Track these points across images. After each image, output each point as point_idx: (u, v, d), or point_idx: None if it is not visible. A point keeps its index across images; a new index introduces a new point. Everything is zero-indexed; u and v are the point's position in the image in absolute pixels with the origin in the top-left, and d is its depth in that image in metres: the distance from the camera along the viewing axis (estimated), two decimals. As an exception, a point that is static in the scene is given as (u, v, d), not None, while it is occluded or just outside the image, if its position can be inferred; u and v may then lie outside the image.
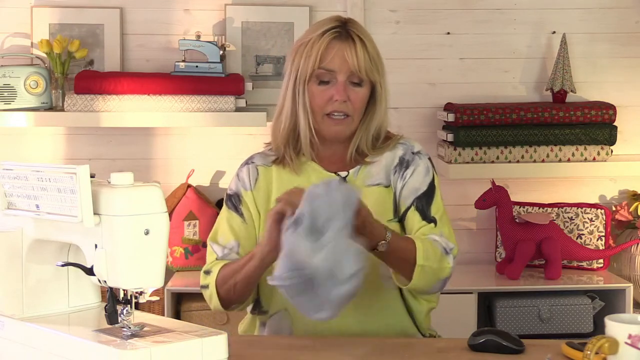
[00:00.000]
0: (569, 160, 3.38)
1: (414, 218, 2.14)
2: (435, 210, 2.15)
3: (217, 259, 2.17)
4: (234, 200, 2.21)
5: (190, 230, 3.35)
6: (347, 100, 2.12)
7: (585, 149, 3.38)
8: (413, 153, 2.20)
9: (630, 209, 3.46)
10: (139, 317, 1.74)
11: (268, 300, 2.18)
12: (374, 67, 2.14)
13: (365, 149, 2.18)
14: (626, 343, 1.64)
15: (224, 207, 2.23)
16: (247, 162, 2.25)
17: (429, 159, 2.22)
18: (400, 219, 2.16)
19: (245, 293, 2.08)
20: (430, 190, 2.17)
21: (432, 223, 2.13)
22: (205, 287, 2.13)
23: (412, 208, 2.14)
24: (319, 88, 2.13)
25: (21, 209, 1.75)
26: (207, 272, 2.13)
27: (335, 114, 2.13)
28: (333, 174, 2.19)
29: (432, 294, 2.16)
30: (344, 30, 2.13)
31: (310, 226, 1.80)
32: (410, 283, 2.03)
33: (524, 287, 3.25)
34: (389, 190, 2.18)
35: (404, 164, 2.19)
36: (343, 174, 2.19)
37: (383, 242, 1.97)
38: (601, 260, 3.40)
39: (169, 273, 3.28)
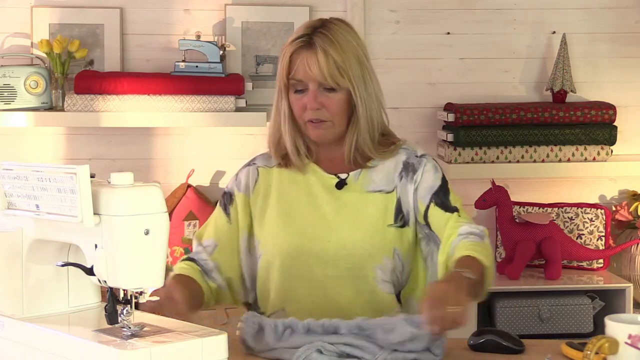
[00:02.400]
0: (569, 160, 3.38)
1: (436, 213, 2.14)
2: (454, 201, 2.16)
3: (188, 256, 2.23)
4: (226, 199, 2.26)
5: (190, 230, 3.35)
6: (322, 108, 2.13)
7: (585, 149, 3.38)
8: (417, 156, 2.21)
9: (630, 209, 3.46)
10: (139, 317, 1.74)
11: (265, 301, 2.19)
12: (341, 74, 2.12)
13: (367, 149, 2.18)
14: (626, 343, 1.64)
15: (217, 203, 2.27)
16: (249, 164, 2.28)
17: (434, 159, 2.24)
18: (424, 220, 2.16)
19: None
20: (444, 184, 2.18)
21: (455, 212, 2.13)
22: None
23: (432, 204, 2.15)
24: (295, 96, 2.16)
25: (21, 209, 1.75)
26: (172, 270, 2.20)
27: (313, 120, 2.15)
28: (333, 176, 2.20)
29: None
30: (309, 38, 2.13)
31: None
32: (486, 287, 1.99)
33: (524, 287, 3.25)
34: (391, 195, 2.18)
35: (410, 168, 2.19)
36: (343, 176, 2.20)
37: (469, 280, 1.91)
38: (601, 260, 3.40)
39: (168, 273, 3.27)
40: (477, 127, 3.34)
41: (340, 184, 2.19)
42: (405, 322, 1.83)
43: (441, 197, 2.16)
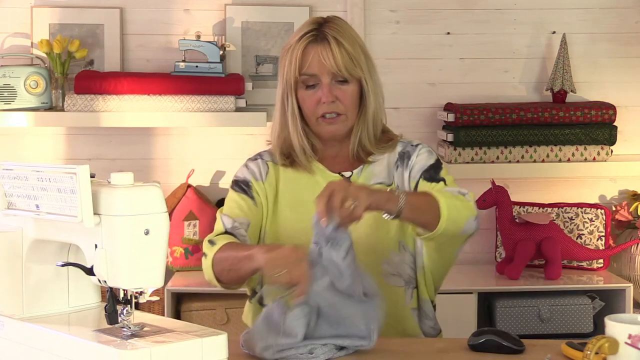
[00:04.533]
0: (569, 160, 3.38)
1: (424, 185, 2.14)
2: (444, 174, 2.16)
3: (225, 230, 2.14)
4: (243, 185, 2.20)
5: (190, 230, 3.35)
6: (336, 100, 2.14)
7: (585, 149, 3.38)
8: (412, 146, 2.23)
9: (630, 209, 3.46)
10: (139, 317, 1.74)
11: (270, 297, 2.18)
12: (354, 64, 2.13)
13: (368, 144, 2.19)
14: (626, 343, 1.64)
15: (232, 191, 2.21)
16: (256, 158, 2.27)
17: (430, 147, 2.26)
18: None
19: (236, 282, 2.07)
20: (437, 164, 2.19)
21: (441, 182, 2.14)
22: (205, 255, 2.10)
23: (421, 180, 2.16)
24: (306, 93, 2.15)
25: (21, 209, 1.75)
26: (211, 242, 2.10)
27: (327, 115, 2.14)
28: (337, 175, 2.20)
29: (465, 237, 2.06)
30: (319, 32, 2.13)
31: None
32: (440, 222, 1.94)
33: (524, 287, 3.25)
34: (391, 187, 2.18)
35: (405, 156, 2.21)
36: (347, 174, 2.20)
37: (399, 201, 1.91)
38: (601, 260, 3.40)
39: (169, 273, 3.28)
40: (477, 127, 3.34)
41: None
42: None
43: (431, 173, 2.16)
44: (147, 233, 1.63)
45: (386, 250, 2.15)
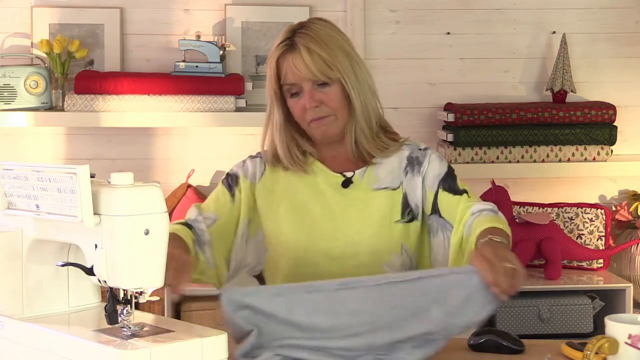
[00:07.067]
0: (569, 160, 3.38)
1: (446, 198, 2.16)
2: (462, 185, 2.19)
3: (186, 221, 2.17)
4: (231, 180, 2.25)
5: (190, 230, 3.35)
6: (320, 104, 2.14)
7: (585, 149, 3.38)
8: (420, 149, 2.23)
9: (630, 209, 3.46)
10: (139, 317, 1.74)
11: None
12: (329, 67, 2.12)
13: (365, 142, 2.18)
14: (626, 343, 1.64)
15: (219, 183, 2.26)
16: (257, 155, 2.29)
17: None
18: (433, 209, 2.17)
19: None
20: (450, 171, 2.21)
21: (464, 194, 2.16)
22: None
23: (440, 190, 2.17)
24: (292, 100, 2.17)
25: (21, 209, 1.75)
26: None
27: (315, 119, 2.16)
28: (339, 174, 2.20)
29: None
30: (290, 41, 2.14)
31: None
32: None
33: (524, 287, 3.22)
34: (397, 192, 2.18)
35: (415, 162, 2.21)
36: (349, 174, 2.20)
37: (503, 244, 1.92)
38: (601, 260, 3.39)
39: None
40: (477, 127, 3.34)
41: (347, 183, 2.19)
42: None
43: (449, 182, 2.18)
44: (147, 233, 1.63)
45: (389, 252, 2.15)
